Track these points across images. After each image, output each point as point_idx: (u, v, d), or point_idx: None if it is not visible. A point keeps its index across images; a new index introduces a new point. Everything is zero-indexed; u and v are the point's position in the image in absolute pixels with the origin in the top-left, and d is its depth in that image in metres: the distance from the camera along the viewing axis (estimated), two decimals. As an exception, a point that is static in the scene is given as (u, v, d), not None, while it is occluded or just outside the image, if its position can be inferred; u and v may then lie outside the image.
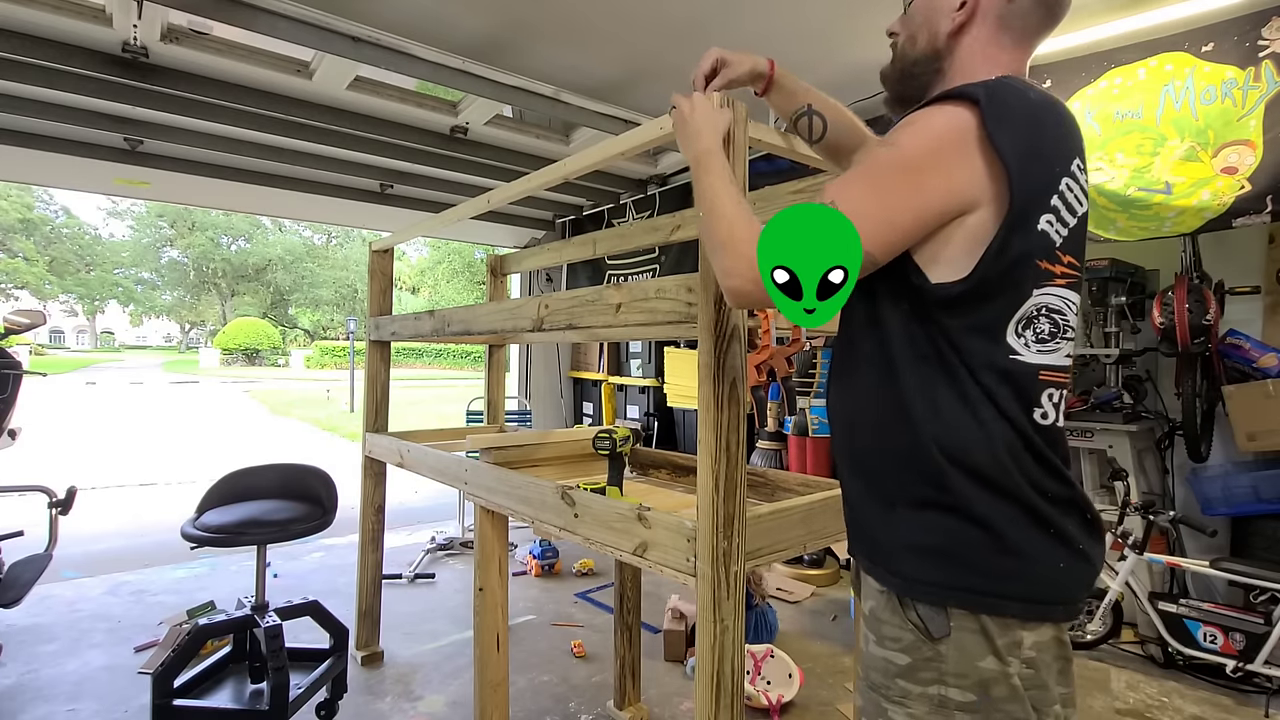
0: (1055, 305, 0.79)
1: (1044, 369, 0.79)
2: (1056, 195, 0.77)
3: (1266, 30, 2.29)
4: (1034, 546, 0.78)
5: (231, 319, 37.61)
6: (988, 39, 0.87)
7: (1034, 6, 0.86)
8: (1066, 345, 0.81)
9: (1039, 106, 0.79)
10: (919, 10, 0.93)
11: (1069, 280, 0.79)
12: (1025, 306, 0.78)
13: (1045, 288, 0.78)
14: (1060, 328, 0.79)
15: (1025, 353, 0.78)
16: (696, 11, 2.61)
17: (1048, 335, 0.79)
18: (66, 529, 2.89)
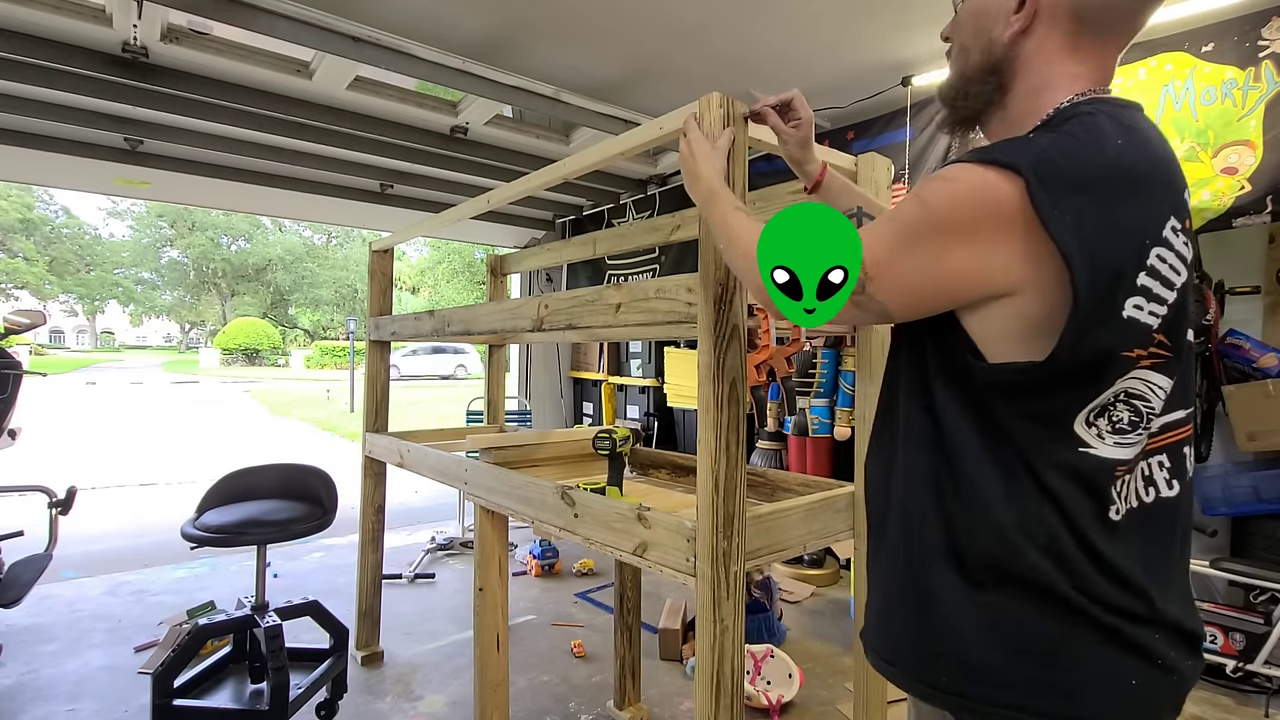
0: (1138, 390, 0.65)
1: (1120, 464, 0.66)
2: (1145, 272, 0.63)
3: (1266, 30, 2.29)
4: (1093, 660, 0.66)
5: (231, 319, 37.59)
6: (1060, 45, 0.71)
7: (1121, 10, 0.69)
8: (1143, 435, 0.68)
9: (1123, 157, 0.63)
10: (968, 16, 0.77)
11: (1157, 360, 0.65)
12: (1102, 397, 0.65)
13: (1130, 372, 0.65)
14: (1143, 416, 0.66)
15: (1098, 445, 0.66)
16: (698, 12, 2.61)
17: (1127, 426, 0.66)
18: (66, 529, 2.89)
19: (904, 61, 2.99)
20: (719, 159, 1.04)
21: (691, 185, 1.03)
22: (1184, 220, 0.65)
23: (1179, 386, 0.68)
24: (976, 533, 0.69)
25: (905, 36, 2.79)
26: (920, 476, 0.74)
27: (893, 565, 0.78)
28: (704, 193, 0.98)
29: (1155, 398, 0.66)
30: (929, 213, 0.67)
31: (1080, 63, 0.71)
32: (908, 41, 2.83)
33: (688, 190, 1.06)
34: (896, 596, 0.77)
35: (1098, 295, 0.61)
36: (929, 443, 0.73)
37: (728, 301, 1.11)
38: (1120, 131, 0.65)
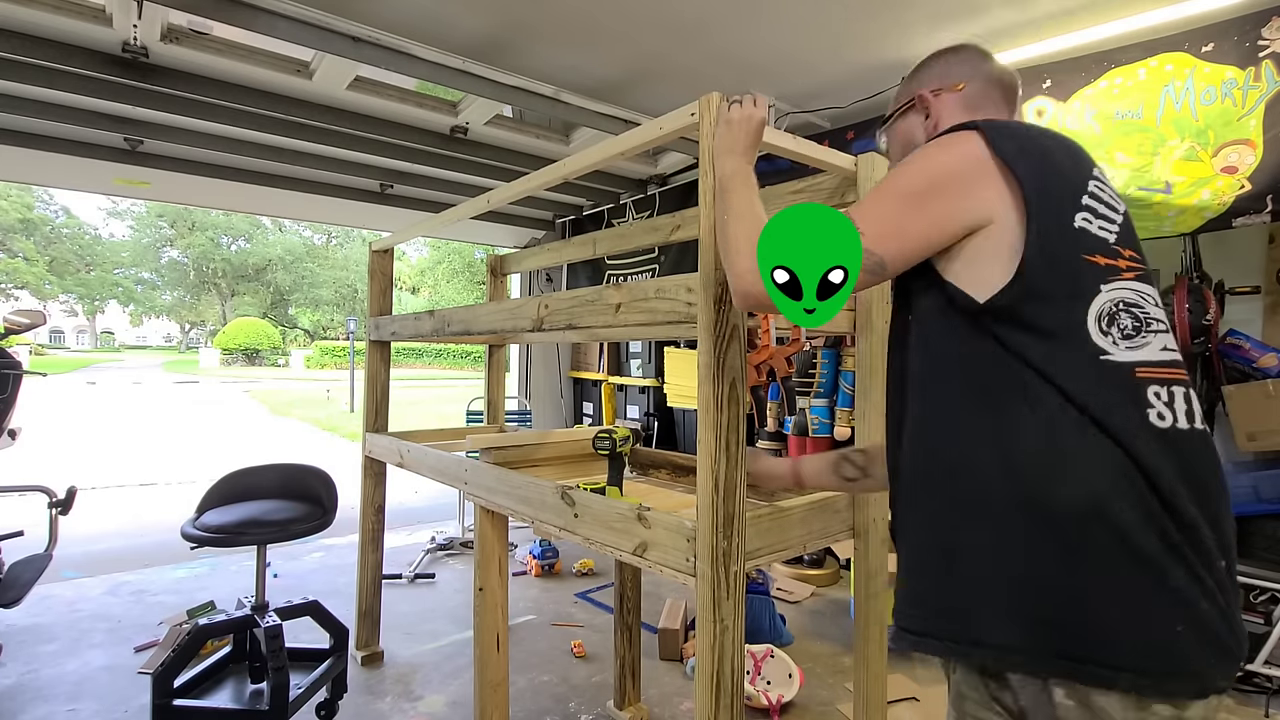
0: (1131, 299, 0.76)
1: (1140, 365, 0.73)
2: (1087, 195, 0.79)
3: (1266, 30, 2.29)
4: (1143, 602, 0.66)
5: (231, 319, 37.60)
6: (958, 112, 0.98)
7: (987, 85, 0.98)
8: (1157, 339, 0.75)
9: (1039, 131, 0.85)
10: (899, 139, 1.05)
11: (1137, 273, 0.78)
12: (1099, 303, 0.74)
13: (1114, 282, 0.76)
14: (1142, 321, 0.75)
15: (1115, 350, 0.73)
16: (698, 11, 2.61)
17: (1132, 330, 0.74)
18: (66, 529, 2.89)
19: (904, 61, 2.99)
20: (742, 135, 1.07)
21: (717, 163, 1.08)
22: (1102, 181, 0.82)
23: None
24: (1016, 469, 0.73)
25: (905, 36, 2.79)
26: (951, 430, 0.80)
27: (928, 527, 0.82)
28: (722, 174, 1.04)
29: (1147, 303, 0.77)
30: (912, 178, 0.82)
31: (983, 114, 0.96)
32: (908, 41, 2.83)
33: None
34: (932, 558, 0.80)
35: (1048, 208, 0.76)
36: (953, 396, 0.80)
37: (728, 301, 1.11)
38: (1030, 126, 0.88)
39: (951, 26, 2.69)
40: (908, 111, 1.03)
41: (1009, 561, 0.71)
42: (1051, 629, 0.68)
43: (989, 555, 0.73)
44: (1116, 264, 0.76)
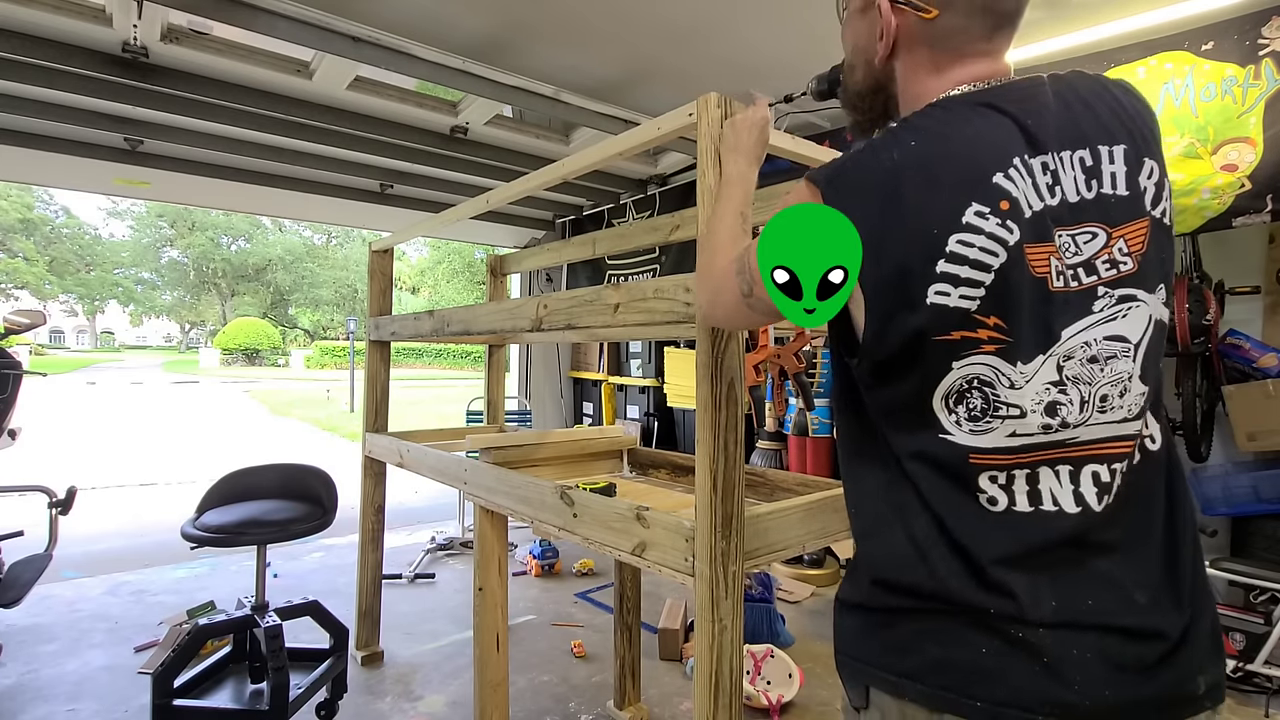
0: (985, 376, 0.66)
1: (974, 451, 0.67)
2: (946, 259, 0.65)
3: (1266, 29, 2.29)
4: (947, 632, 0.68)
5: (231, 319, 37.62)
6: (921, 62, 0.78)
7: (969, 18, 0.74)
8: (1005, 424, 0.66)
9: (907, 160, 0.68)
10: (848, 45, 0.87)
11: (999, 346, 0.65)
12: (948, 381, 0.67)
13: (968, 357, 0.66)
14: (991, 403, 0.66)
15: (955, 432, 0.68)
16: (697, 13, 2.61)
17: (979, 413, 0.67)
18: (66, 529, 2.90)
19: (904, 61, 2.99)
20: (745, 138, 1.03)
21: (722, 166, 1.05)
22: (994, 203, 0.65)
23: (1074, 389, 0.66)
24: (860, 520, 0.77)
25: (905, 36, 2.79)
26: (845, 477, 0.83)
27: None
28: (722, 179, 1.02)
29: (1002, 384, 0.66)
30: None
31: (941, 77, 0.76)
32: (907, 41, 2.83)
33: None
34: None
35: (888, 284, 0.67)
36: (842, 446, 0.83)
37: (727, 301, 1.11)
38: (918, 134, 0.70)
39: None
40: (866, 9, 0.82)
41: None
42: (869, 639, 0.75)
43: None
44: (975, 335, 0.66)
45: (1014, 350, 0.66)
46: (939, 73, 0.76)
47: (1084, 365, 0.66)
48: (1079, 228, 0.67)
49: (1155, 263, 0.68)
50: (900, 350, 0.68)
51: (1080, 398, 0.66)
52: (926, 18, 0.75)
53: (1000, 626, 0.66)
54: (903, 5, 0.76)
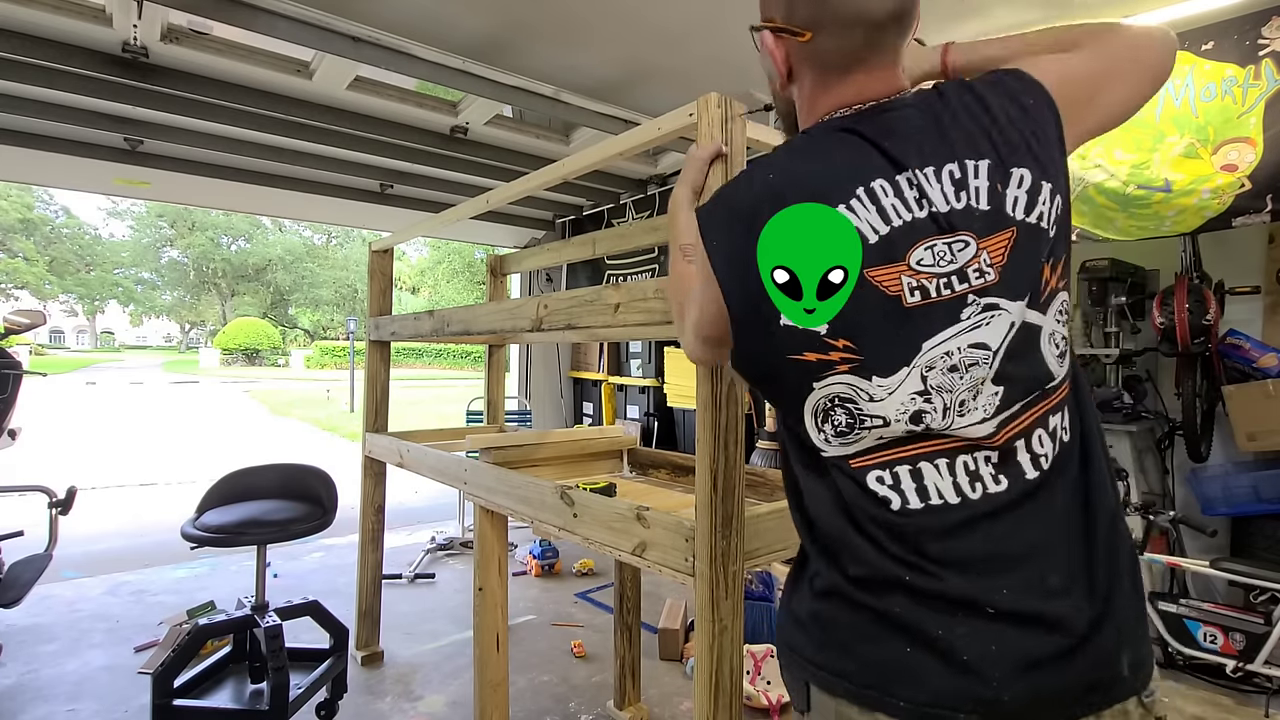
0: (845, 394, 0.70)
1: (854, 456, 0.72)
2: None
3: (1267, 29, 2.29)
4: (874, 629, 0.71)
5: (231, 319, 37.62)
6: (813, 82, 0.81)
7: (840, 39, 0.75)
8: (872, 433, 0.71)
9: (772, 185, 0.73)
10: (765, 72, 0.89)
11: (852, 365, 0.69)
12: (812, 400, 0.72)
13: (826, 378, 0.71)
14: (856, 418, 0.70)
15: (827, 448, 0.73)
16: (698, 12, 2.61)
17: (845, 428, 0.71)
18: (66, 529, 2.90)
19: (904, 61, 2.99)
20: (690, 173, 1.09)
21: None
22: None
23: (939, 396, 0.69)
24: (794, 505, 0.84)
25: (905, 36, 2.79)
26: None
27: None
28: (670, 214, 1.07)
29: (863, 399, 0.70)
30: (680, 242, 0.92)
31: (831, 93, 0.79)
32: (907, 41, 2.83)
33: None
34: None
35: (752, 305, 0.72)
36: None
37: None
38: (773, 168, 0.75)
39: (951, 26, 2.70)
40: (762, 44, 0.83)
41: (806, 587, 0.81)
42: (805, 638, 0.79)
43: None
44: (828, 357, 0.70)
45: (867, 367, 0.69)
46: (828, 91, 0.79)
47: (945, 374, 0.69)
48: (954, 235, 0.69)
49: (1020, 270, 0.69)
50: (760, 367, 0.75)
51: (944, 404, 0.69)
52: (802, 41, 0.76)
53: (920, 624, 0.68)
54: (780, 34, 0.78)
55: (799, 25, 0.75)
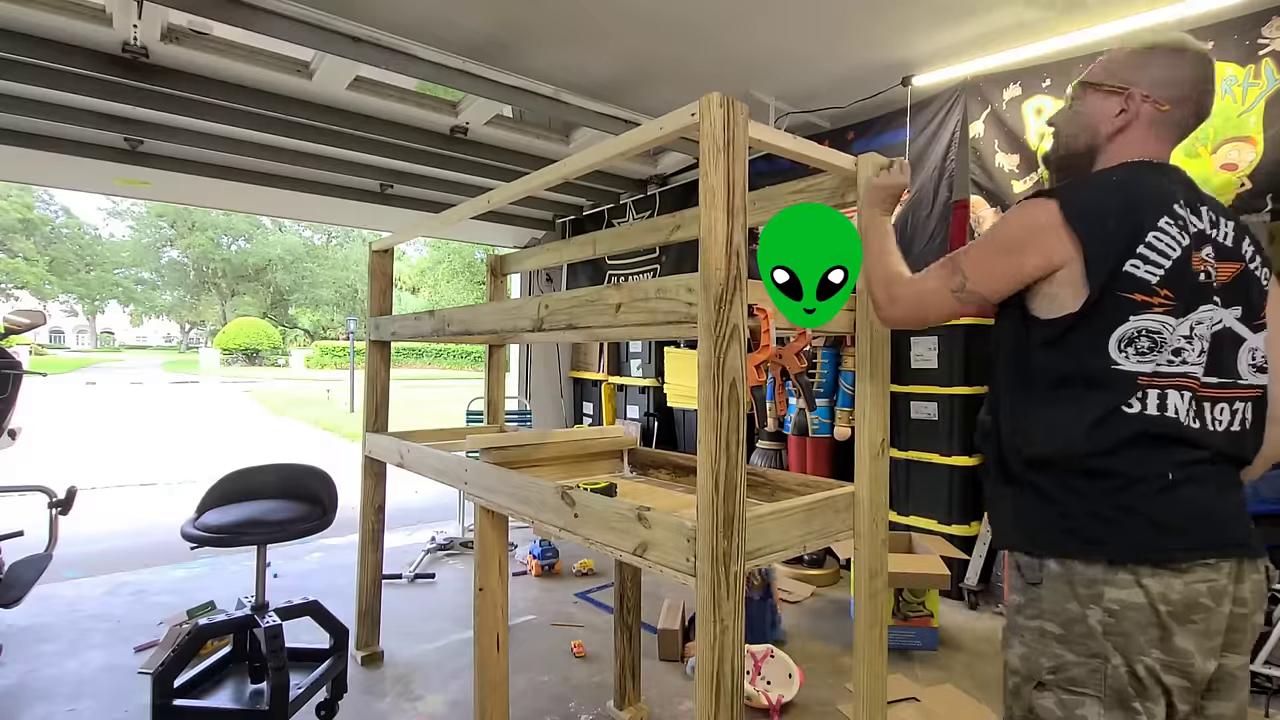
0: (1153, 328, 0.97)
1: (1142, 375, 0.97)
2: (1143, 244, 0.97)
3: (1266, 29, 2.29)
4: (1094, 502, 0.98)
5: (231, 319, 37.62)
6: (1139, 139, 1.09)
7: (1184, 118, 1.08)
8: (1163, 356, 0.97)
9: (1116, 186, 1.03)
10: (1087, 114, 1.14)
11: (1166, 308, 0.97)
12: (1123, 329, 0.97)
13: (1142, 314, 0.97)
14: (1158, 344, 0.97)
15: (1125, 363, 0.97)
16: (698, 12, 2.61)
17: (1146, 349, 0.97)
18: (66, 529, 2.89)
19: (904, 61, 2.99)
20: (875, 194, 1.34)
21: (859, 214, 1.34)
22: (1176, 219, 0.99)
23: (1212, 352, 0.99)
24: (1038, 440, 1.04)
25: (905, 36, 2.79)
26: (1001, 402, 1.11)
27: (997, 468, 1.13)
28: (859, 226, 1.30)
29: (1167, 331, 0.97)
30: (1007, 234, 1.06)
31: (1147, 148, 1.09)
32: (908, 41, 2.83)
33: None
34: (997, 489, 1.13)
35: (1102, 258, 0.97)
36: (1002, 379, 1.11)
37: (728, 301, 1.11)
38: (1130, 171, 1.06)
39: (952, 26, 2.70)
40: (1110, 94, 1.11)
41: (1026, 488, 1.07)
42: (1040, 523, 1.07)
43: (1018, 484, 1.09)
44: (1150, 300, 0.96)
45: (1176, 310, 0.97)
46: (1146, 144, 1.09)
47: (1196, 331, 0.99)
48: (1210, 251, 1.01)
49: (1238, 292, 1.02)
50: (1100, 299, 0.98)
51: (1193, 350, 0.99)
52: (1161, 110, 1.08)
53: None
54: (1149, 99, 1.08)
55: (1163, 99, 1.07)
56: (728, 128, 1.11)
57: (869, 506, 1.45)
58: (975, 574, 3.20)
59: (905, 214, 3.20)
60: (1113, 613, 0.96)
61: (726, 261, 1.10)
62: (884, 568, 1.48)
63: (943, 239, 3.07)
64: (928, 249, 3.09)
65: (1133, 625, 0.95)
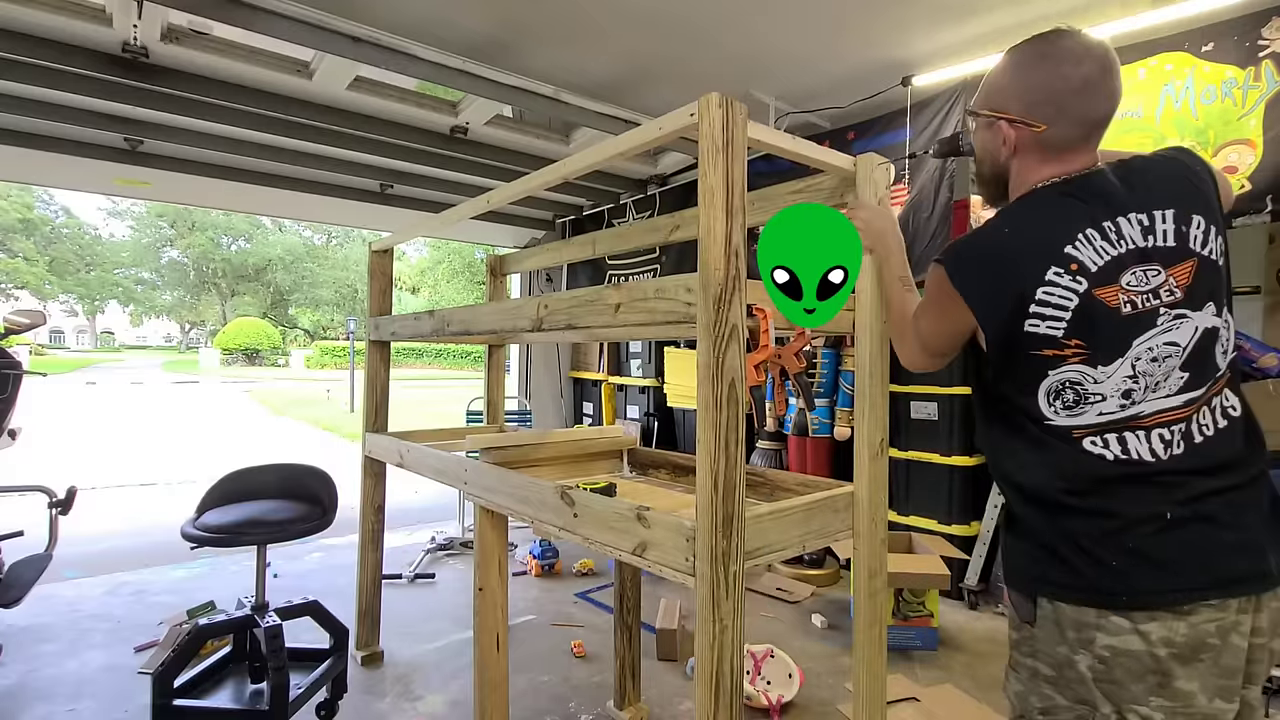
0: (1075, 379, 0.95)
1: (1076, 429, 0.95)
2: (1035, 302, 0.94)
3: (1266, 30, 2.29)
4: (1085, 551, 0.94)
5: (231, 319, 37.62)
6: (1033, 161, 1.05)
7: (1069, 131, 1.01)
8: (1093, 407, 0.94)
9: (1005, 240, 0.99)
10: (979, 144, 1.15)
11: (1082, 357, 0.94)
12: (1046, 384, 0.96)
13: (1060, 368, 0.95)
14: (1082, 395, 0.95)
15: (1055, 418, 0.96)
16: (697, 12, 2.61)
17: (1073, 402, 0.95)
18: (66, 529, 2.89)
19: (904, 61, 3.00)
20: (883, 222, 1.35)
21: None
22: (1066, 265, 0.94)
23: (1194, 364, 0.93)
24: (1015, 476, 1.03)
25: (905, 36, 2.79)
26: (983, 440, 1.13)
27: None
28: (876, 259, 1.35)
29: (1090, 382, 0.94)
30: (929, 292, 1.09)
31: (1045, 167, 1.04)
32: (908, 41, 2.83)
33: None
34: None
35: (998, 318, 0.98)
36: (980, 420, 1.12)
37: (727, 301, 1.11)
38: (1015, 218, 1.01)
39: (952, 26, 2.70)
40: (989, 124, 1.09)
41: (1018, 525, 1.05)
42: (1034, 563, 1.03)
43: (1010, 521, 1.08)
44: (1062, 353, 0.94)
45: (1093, 359, 0.94)
46: (1044, 165, 1.04)
47: (1148, 364, 0.93)
48: (1148, 265, 0.94)
49: (1202, 288, 0.94)
50: (1008, 361, 0.99)
51: (1145, 385, 0.93)
52: (1037, 131, 1.02)
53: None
54: (1020, 124, 1.03)
55: (1036, 119, 1.01)
56: (727, 128, 1.11)
57: (868, 506, 1.45)
58: (975, 574, 3.20)
59: (906, 215, 3.20)
60: (1104, 659, 0.91)
61: (725, 261, 1.10)
62: (884, 568, 1.48)
63: (944, 239, 3.08)
64: (929, 249, 3.09)
65: (1126, 673, 0.90)
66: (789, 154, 1.35)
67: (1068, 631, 0.94)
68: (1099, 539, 0.93)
